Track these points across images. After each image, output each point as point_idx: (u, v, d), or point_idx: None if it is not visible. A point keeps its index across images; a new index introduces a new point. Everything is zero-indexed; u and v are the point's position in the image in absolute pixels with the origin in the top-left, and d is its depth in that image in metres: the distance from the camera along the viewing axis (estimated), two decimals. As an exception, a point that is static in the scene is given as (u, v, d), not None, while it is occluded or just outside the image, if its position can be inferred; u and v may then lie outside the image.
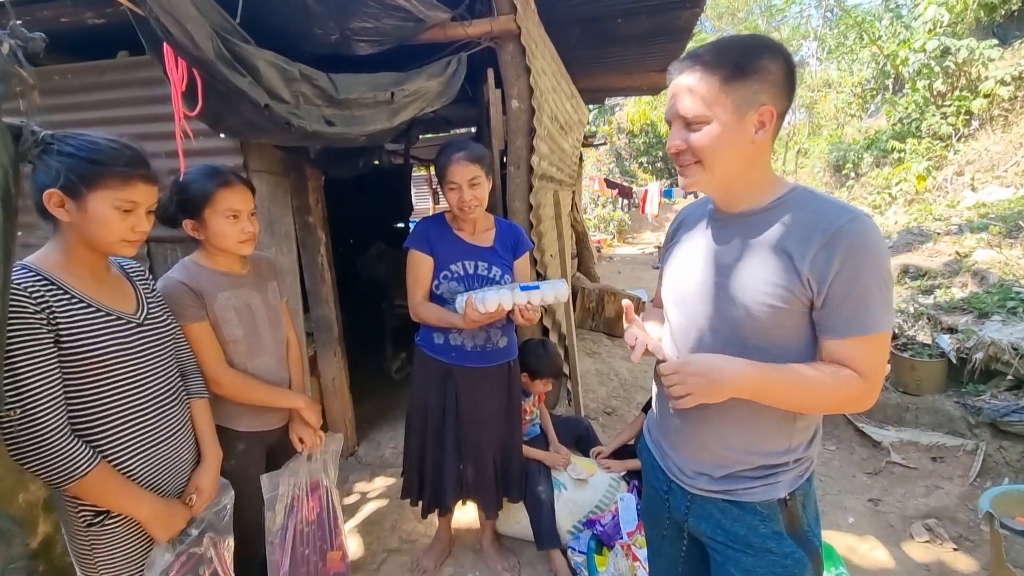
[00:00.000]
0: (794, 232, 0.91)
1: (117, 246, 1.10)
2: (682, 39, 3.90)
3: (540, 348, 2.25)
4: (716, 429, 1.03)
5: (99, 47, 2.30)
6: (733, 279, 0.96)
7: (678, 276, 1.09)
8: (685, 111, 0.91)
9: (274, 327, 1.59)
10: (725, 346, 0.97)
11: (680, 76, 0.92)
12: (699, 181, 0.95)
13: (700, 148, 0.91)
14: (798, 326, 0.93)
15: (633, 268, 10.14)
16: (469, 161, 1.68)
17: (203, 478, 1.32)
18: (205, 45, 1.14)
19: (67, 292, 1.06)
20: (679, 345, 1.07)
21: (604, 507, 2.13)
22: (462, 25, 2.29)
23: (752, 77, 0.87)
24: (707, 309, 1.00)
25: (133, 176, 1.07)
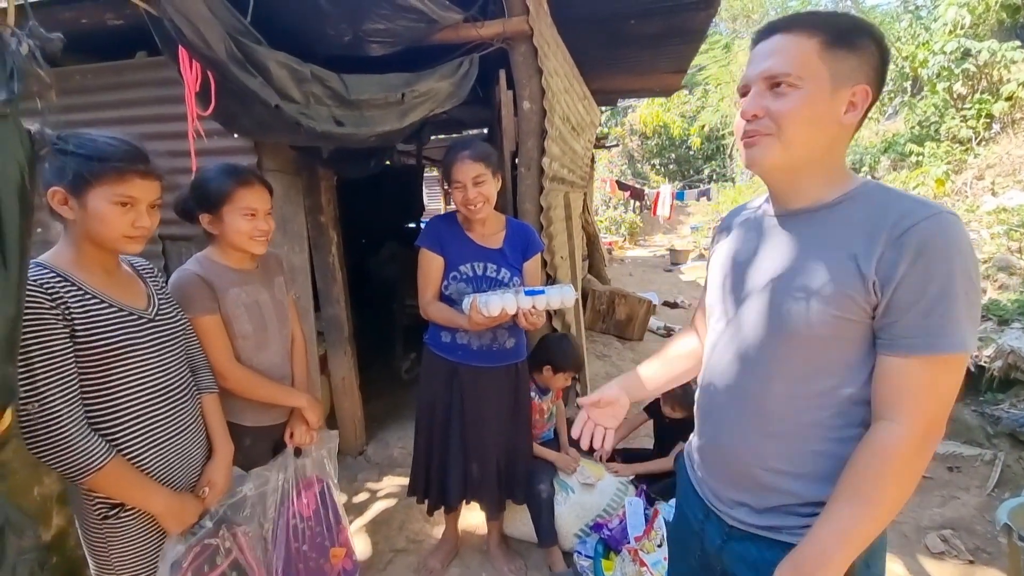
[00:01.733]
0: (861, 230, 0.79)
1: (120, 242, 1.11)
2: (696, 41, 3.87)
3: (563, 341, 2.23)
4: (754, 445, 0.90)
5: (118, 48, 2.34)
6: (789, 285, 0.84)
7: (724, 285, 0.98)
8: (772, 69, 0.80)
9: (281, 322, 1.61)
10: (772, 366, 0.87)
11: (771, 38, 0.83)
12: (768, 155, 0.83)
13: (782, 114, 0.80)
14: (857, 341, 0.81)
15: (644, 271, 10.09)
16: (473, 160, 1.68)
17: (215, 472, 1.33)
18: (218, 46, 1.16)
19: (81, 288, 1.08)
20: (718, 362, 0.97)
21: (612, 511, 2.11)
22: (474, 26, 2.29)
23: (853, 51, 0.79)
24: (756, 320, 0.89)
25: (129, 171, 1.08)
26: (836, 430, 0.85)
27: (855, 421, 0.84)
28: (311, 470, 1.67)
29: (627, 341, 5.14)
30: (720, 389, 0.96)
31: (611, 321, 5.25)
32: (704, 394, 1.03)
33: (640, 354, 4.78)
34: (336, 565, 1.72)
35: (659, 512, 1.84)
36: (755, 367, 0.90)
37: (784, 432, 0.87)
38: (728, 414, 0.95)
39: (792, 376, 0.86)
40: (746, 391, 0.91)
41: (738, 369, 0.93)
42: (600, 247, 7.18)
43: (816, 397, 0.85)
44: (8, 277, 0.83)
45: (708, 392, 1.01)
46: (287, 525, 1.56)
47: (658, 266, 10.71)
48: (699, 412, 1.05)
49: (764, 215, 0.96)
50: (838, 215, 0.84)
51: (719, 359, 0.97)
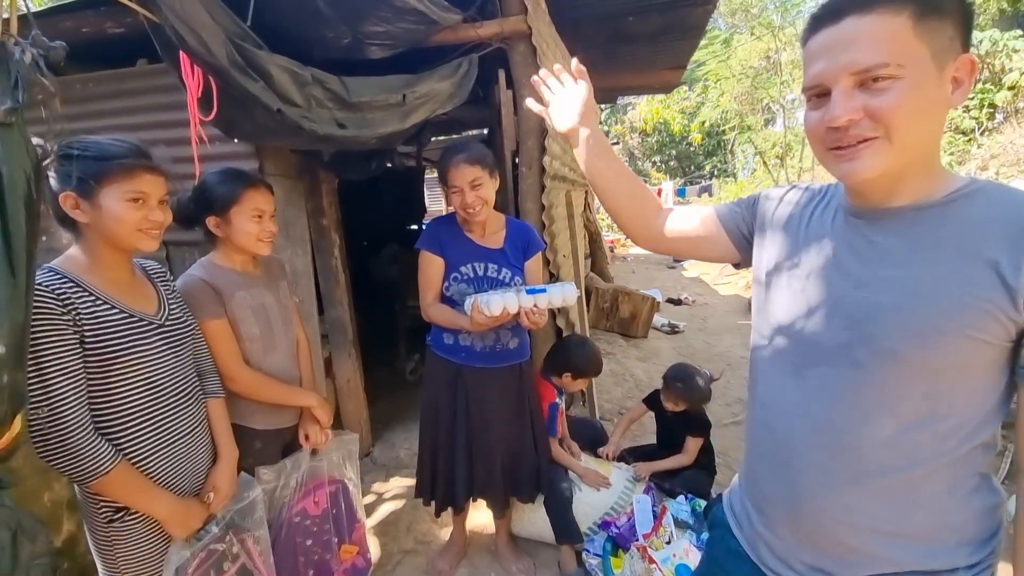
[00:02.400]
0: (994, 232, 0.65)
1: (134, 238, 1.12)
2: (694, 37, 3.87)
3: (584, 345, 2.21)
4: (844, 498, 0.74)
5: (119, 56, 2.35)
6: (900, 298, 0.68)
7: (793, 288, 0.81)
8: (863, 62, 0.64)
9: (286, 325, 1.62)
10: (873, 400, 0.71)
11: (843, 21, 0.66)
12: (879, 164, 0.67)
13: (891, 113, 0.64)
14: (989, 369, 0.67)
15: (647, 268, 10.07)
16: (469, 163, 1.67)
17: (220, 477, 1.34)
18: (219, 52, 1.16)
19: (92, 294, 1.09)
20: (784, 390, 0.80)
21: (619, 509, 2.11)
22: (473, 27, 2.30)
23: (946, 16, 0.64)
24: (847, 342, 0.72)
25: (137, 166, 1.10)
26: (952, 481, 0.70)
27: (973, 470, 0.71)
28: (328, 471, 1.67)
29: (631, 339, 5.13)
30: (792, 425, 0.78)
31: (615, 319, 5.24)
32: (762, 429, 0.84)
33: (644, 351, 4.77)
34: (345, 562, 1.72)
35: (667, 509, 1.84)
36: (848, 401, 0.73)
37: (885, 483, 0.72)
38: (806, 459, 0.77)
39: (901, 413, 0.70)
40: (834, 430, 0.74)
41: (822, 402, 0.75)
42: (603, 245, 7.17)
43: (931, 441, 0.69)
44: (16, 285, 0.83)
45: (770, 427, 0.83)
46: (289, 520, 1.56)
47: (661, 263, 10.69)
48: (755, 451, 0.87)
49: (841, 210, 0.79)
50: (951, 214, 0.68)
51: (785, 385, 0.79)
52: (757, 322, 0.88)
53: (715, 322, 5.88)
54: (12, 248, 0.83)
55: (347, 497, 1.73)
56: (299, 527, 1.58)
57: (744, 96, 11.01)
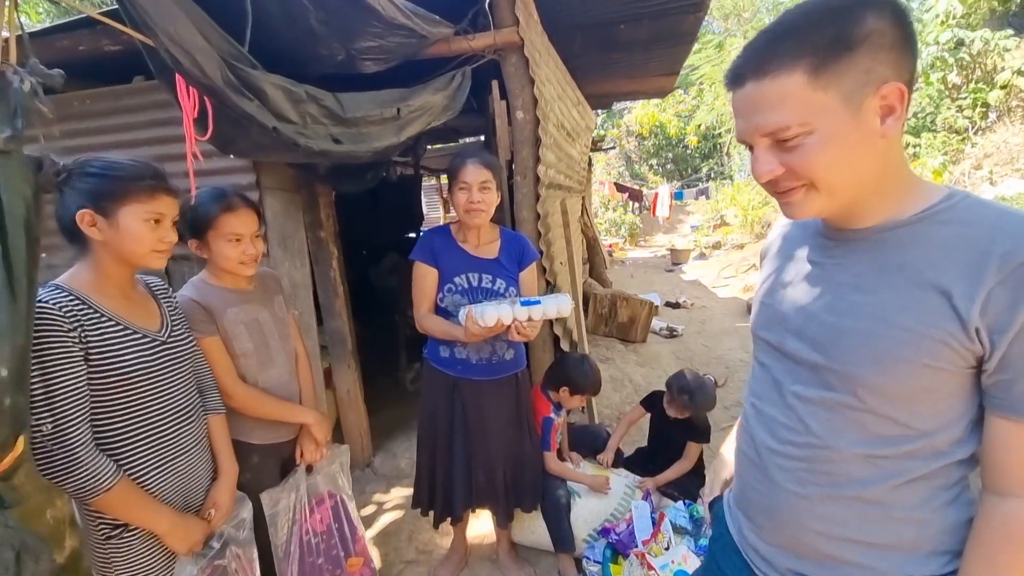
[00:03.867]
0: (954, 258, 0.64)
1: (149, 257, 1.14)
2: (687, 43, 3.90)
3: (584, 363, 2.22)
4: (821, 510, 0.75)
5: (115, 73, 2.38)
6: (860, 321, 0.69)
7: (772, 314, 0.83)
8: (767, 127, 0.66)
9: (283, 340, 1.62)
10: (843, 421, 0.72)
11: (744, 87, 0.67)
12: (812, 208, 0.70)
13: (808, 168, 0.65)
14: (955, 394, 0.67)
15: (646, 271, 10.09)
16: (483, 166, 1.72)
17: (220, 493, 1.35)
18: (214, 73, 1.19)
19: (96, 311, 1.10)
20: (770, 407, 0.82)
21: (619, 515, 2.12)
22: (466, 39, 2.32)
23: (858, 51, 0.61)
24: (813, 359, 0.74)
25: (158, 189, 1.12)
26: (927, 494, 0.71)
27: (948, 482, 0.71)
28: (324, 486, 1.68)
29: (630, 343, 5.14)
30: (774, 440, 0.80)
31: (613, 324, 5.25)
32: (751, 442, 0.86)
33: (643, 356, 4.78)
34: (354, 574, 1.73)
35: (665, 515, 1.85)
36: (820, 418, 0.74)
37: (857, 495, 0.73)
38: (785, 471, 0.78)
39: (871, 432, 0.71)
40: (810, 446, 0.75)
41: (798, 420, 0.77)
42: (600, 250, 7.20)
43: (902, 457, 0.70)
44: (17, 309, 0.85)
45: (753, 437, 0.85)
46: (300, 542, 1.57)
47: (659, 266, 10.71)
48: (742, 461, 0.89)
49: (816, 232, 0.80)
50: (917, 236, 0.68)
51: (771, 403, 0.82)
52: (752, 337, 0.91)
53: (714, 325, 5.90)
54: (13, 273, 0.85)
55: (346, 510, 1.74)
56: (309, 546, 1.59)
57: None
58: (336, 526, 1.70)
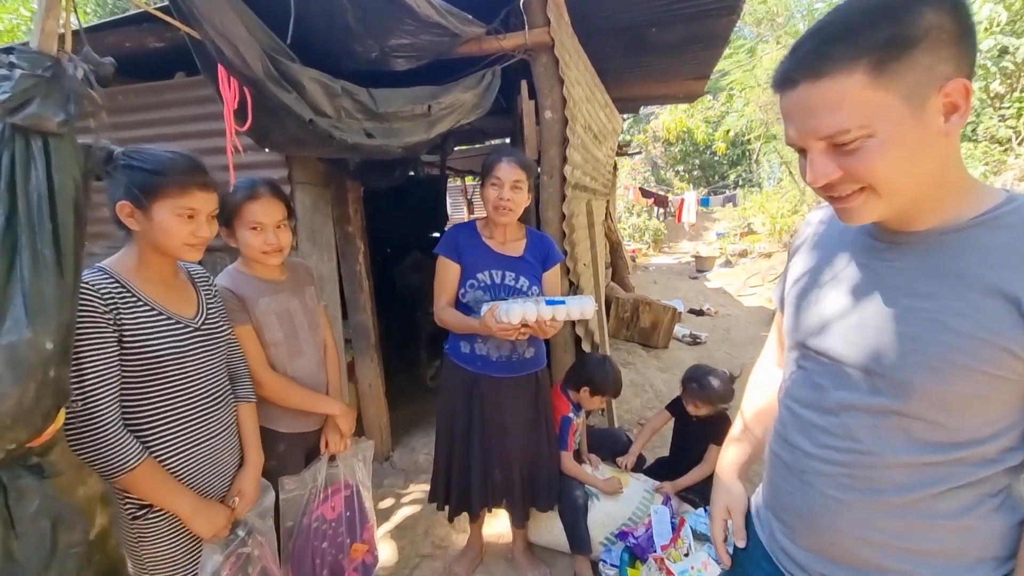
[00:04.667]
0: (1019, 262, 0.62)
1: (181, 250, 1.17)
2: (719, 46, 3.86)
3: (605, 364, 2.21)
4: (859, 515, 0.74)
5: (159, 69, 2.47)
6: (913, 327, 0.67)
7: (812, 309, 0.80)
8: (823, 130, 0.63)
9: (313, 330, 1.64)
10: (887, 426, 0.70)
11: (795, 90, 0.64)
12: (872, 212, 0.67)
13: (868, 172, 0.63)
14: (1011, 401, 0.65)
15: (669, 278, 9.98)
16: (518, 165, 1.74)
17: (245, 481, 1.36)
18: (255, 64, 1.22)
19: (134, 295, 1.13)
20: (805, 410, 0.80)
21: (637, 519, 2.09)
22: (496, 38, 2.34)
23: (919, 48, 0.58)
24: (861, 364, 0.72)
25: (191, 184, 1.13)
26: (972, 501, 0.69)
27: (995, 489, 0.70)
28: (342, 475, 1.70)
29: (651, 349, 5.08)
30: (813, 445, 0.78)
31: (635, 329, 5.20)
32: (784, 446, 0.84)
33: (665, 362, 4.72)
34: (356, 559, 1.76)
35: (686, 521, 1.82)
36: (865, 424, 0.72)
37: (900, 501, 0.71)
38: (825, 476, 0.77)
39: (918, 439, 0.69)
40: (853, 452, 0.74)
41: (837, 424, 0.75)
42: (623, 254, 7.14)
43: (949, 464, 0.68)
44: (64, 285, 0.88)
45: (790, 445, 0.83)
46: (308, 526, 1.59)
47: (683, 273, 10.58)
48: (776, 465, 0.87)
49: (862, 232, 0.77)
50: (978, 240, 0.65)
51: (810, 407, 0.79)
52: (785, 338, 0.88)
53: (738, 333, 5.79)
54: (62, 251, 0.88)
55: (360, 500, 1.76)
56: (317, 531, 1.61)
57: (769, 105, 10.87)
58: (347, 514, 1.72)
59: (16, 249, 0.84)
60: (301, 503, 1.58)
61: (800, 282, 0.85)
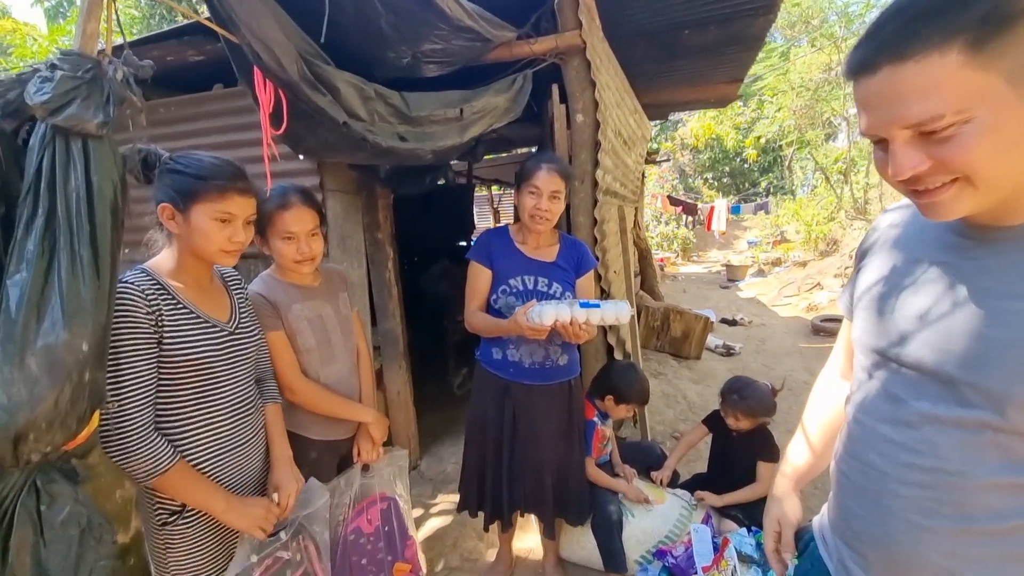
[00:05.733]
0: None
1: (217, 255, 1.17)
2: (754, 48, 3.77)
3: (631, 372, 2.14)
4: (956, 543, 0.66)
5: (197, 82, 2.53)
6: (1009, 331, 0.61)
7: (890, 313, 0.73)
8: (914, 117, 0.56)
9: (346, 336, 1.63)
10: (982, 443, 0.63)
11: (879, 73, 0.58)
12: (964, 206, 0.61)
13: (965, 162, 0.57)
14: None
15: (699, 287, 9.76)
16: (558, 173, 1.70)
17: (278, 474, 1.33)
18: (291, 68, 1.22)
19: (174, 298, 1.14)
20: (882, 424, 0.72)
21: (675, 537, 2.00)
22: (527, 43, 2.32)
23: (1021, 21, 0.52)
24: (948, 373, 0.65)
25: (228, 189, 1.13)
26: None
27: None
28: (379, 487, 1.66)
29: (683, 359, 4.95)
30: (887, 460, 0.71)
31: (666, 338, 5.08)
32: (854, 464, 0.77)
33: (698, 373, 4.58)
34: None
35: (729, 541, 1.72)
36: (954, 439, 0.65)
37: (997, 531, 0.64)
38: (905, 499, 0.69)
39: (1015, 458, 0.62)
40: (939, 471, 0.66)
41: (923, 441, 0.68)
42: (652, 262, 7.01)
43: None
44: (100, 287, 0.88)
45: (862, 460, 0.75)
46: (344, 540, 1.55)
47: (713, 282, 10.34)
48: (846, 486, 0.79)
49: (946, 229, 0.71)
50: None
51: (886, 421, 0.72)
52: (856, 347, 0.81)
53: (774, 344, 5.59)
54: (99, 252, 0.88)
55: (398, 514, 1.71)
56: (354, 546, 1.57)
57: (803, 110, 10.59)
58: (385, 529, 1.67)
59: (55, 250, 0.84)
60: (333, 513, 1.54)
61: (875, 287, 0.78)
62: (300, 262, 1.46)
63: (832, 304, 6.96)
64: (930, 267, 0.70)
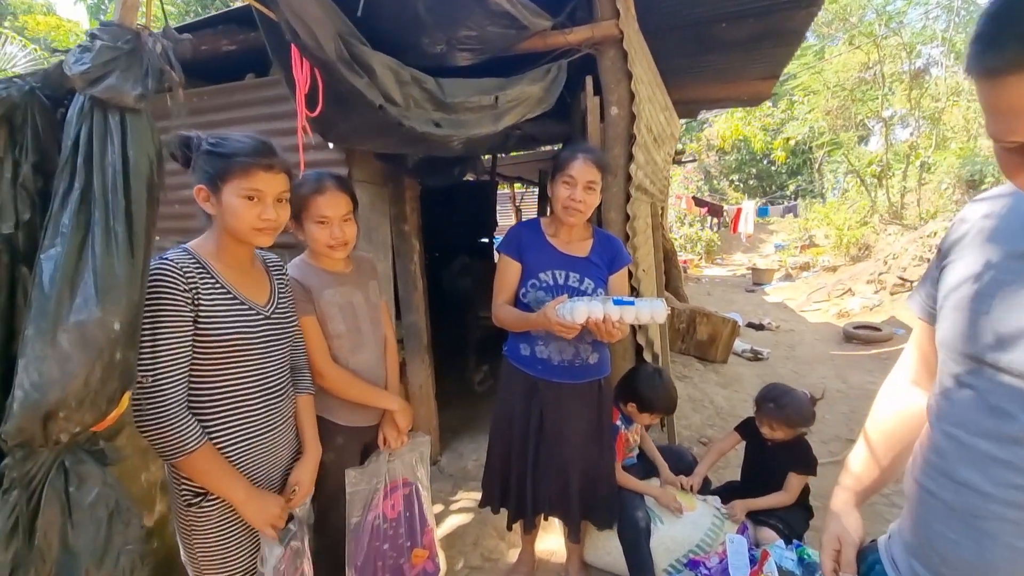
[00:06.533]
0: None
1: (249, 234, 1.15)
2: (793, 43, 3.63)
3: (656, 378, 2.04)
4: None
5: (230, 72, 2.54)
6: None
7: (986, 315, 0.66)
8: None
9: (374, 325, 1.63)
10: None
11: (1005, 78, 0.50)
12: None
13: None
14: None
15: (724, 290, 9.57)
16: (596, 164, 1.64)
17: (303, 472, 1.33)
18: (328, 46, 1.19)
19: (213, 277, 1.13)
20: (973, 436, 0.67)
21: (707, 547, 1.92)
22: (562, 33, 2.26)
23: None
24: None
25: (252, 166, 1.11)
26: None
27: None
28: (400, 472, 1.66)
29: (709, 363, 4.83)
30: (986, 477, 0.65)
31: (691, 341, 4.96)
32: (945, 482, 0.71)
33: (725, 377, 4.46)
34: (417, 566, 1.69)
35: (769, 554, 1.63)
36: None
37: None
38: (1008, 522, 0.63)
39: None
40: None
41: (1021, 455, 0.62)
42: (677, 263, 6.89)
43: None
44: (135, 264, 0.85)
45: (953, 477, 0.69)
46: (370, 525, 1.55)
47: (738, 286, 10.12)
48: (929, 504, 0.73)
49: None
50: None
51: (984, 435, 0.66)
52: (943, 350, 0.74)
53: (804, 350, 5.43)
54: (134, 228, 0.86)
55: (419, 499, 1.70)
56: (377, 530, 1.57)
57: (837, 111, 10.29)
58: (407, 515, 1.67)
59: (89, 225, 0.82)
60: (366, 498, 1.55)
61: (967, 284, 0.70)
62: (333, 247, 1.46)
63: (865, 311, 6.74)
64: None
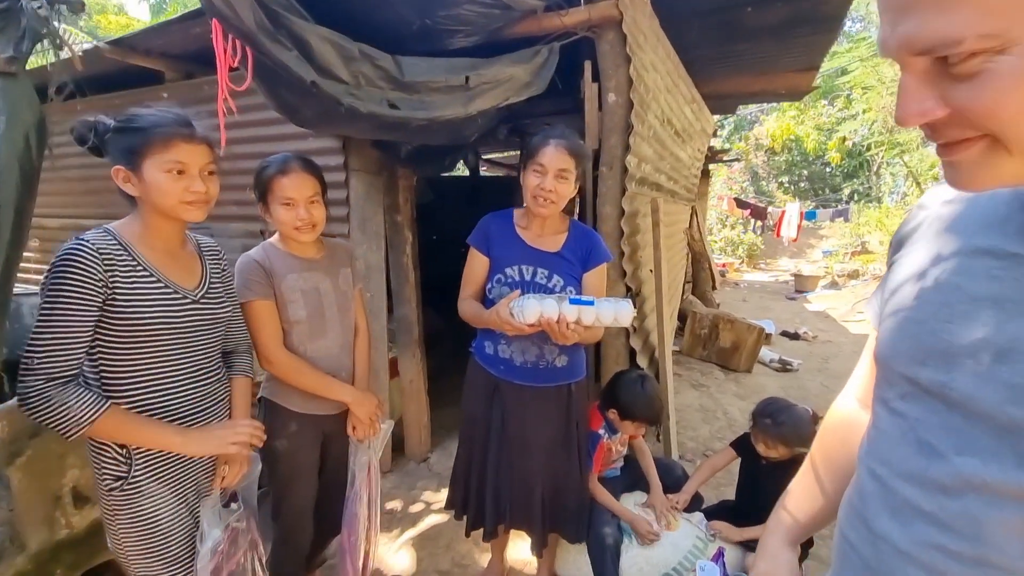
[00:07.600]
0: None
1: (178, 208, 1.11)
2: (830, 30, 3.34)
3: (637, 385, 1.88)
4: None
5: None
6: None
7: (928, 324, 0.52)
8: (928, 38, 0.37)
9: (342, 312, 1.60)
10: None
11: None
12: (997, 174, 0.41)
13: (990, 112, 0.38)
14: None
15: (762, 297, 9.10)
16: (567, 151, 1.49)
17: (236, 413, 1.33)
18: (246, 15, 1.12)
19: (135, 259, 1.10)
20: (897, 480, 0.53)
21: (683, 570, 1.76)
22: (557, 15, 2.13)
23: None
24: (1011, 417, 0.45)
25: (173, 136, 1.07)
26: None
27: None
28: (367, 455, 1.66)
29: (731, 372, 4.56)
30: (908, 537, 0.52)
31: (713, 348, 4.70)
32: (861, 531, 0.57)
33: (745, 387, 4.19)
34: None
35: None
36: (1004, 521, 0.46)
37: None
38: None
39: None
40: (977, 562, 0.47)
41: (957, 513, 0.48)
42: (709, 267, 6.58)
43: None
44: (-5, 238, 0.81)
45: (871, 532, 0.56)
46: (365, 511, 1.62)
47: (779, 292, 9.60)
48: (848, 558, 0.59)
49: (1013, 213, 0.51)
50: None
51: (909, 478, 0.52)
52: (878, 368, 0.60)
53: (839, 364, 5.04)
54: None
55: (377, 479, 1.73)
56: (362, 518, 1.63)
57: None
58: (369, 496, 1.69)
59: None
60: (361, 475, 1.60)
61: (908, 285, 0.56)
62: (300, 228, 1.45)
63: (914, 324, 6.22)
64: (988, 263, 0.49)
